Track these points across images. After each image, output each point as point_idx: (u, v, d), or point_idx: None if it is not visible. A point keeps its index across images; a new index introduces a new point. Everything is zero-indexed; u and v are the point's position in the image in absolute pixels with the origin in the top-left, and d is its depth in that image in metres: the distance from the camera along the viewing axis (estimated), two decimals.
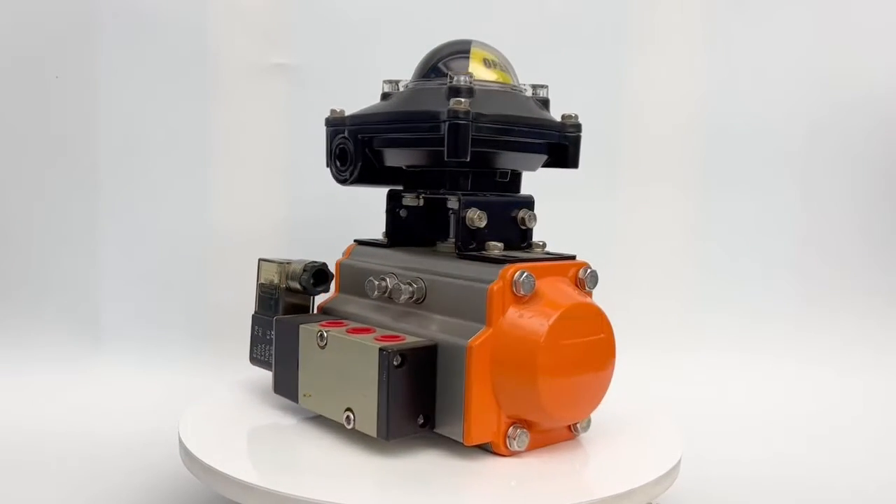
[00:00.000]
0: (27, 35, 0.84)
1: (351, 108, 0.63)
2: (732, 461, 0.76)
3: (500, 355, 0.54)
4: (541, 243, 0.61)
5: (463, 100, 0.56)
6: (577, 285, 0.59)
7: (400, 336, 0.57)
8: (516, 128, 0.59)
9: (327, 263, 0.66)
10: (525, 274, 0.55)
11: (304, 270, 0.64)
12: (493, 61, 0.62)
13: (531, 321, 0.54)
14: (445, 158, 0.56)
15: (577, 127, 0.63)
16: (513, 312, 0.55)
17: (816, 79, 0.96)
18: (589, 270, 0.59)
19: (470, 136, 0.56)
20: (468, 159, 0.57)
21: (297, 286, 0.65)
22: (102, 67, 0.85)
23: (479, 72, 0.60)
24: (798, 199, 0.97)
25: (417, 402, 0.55)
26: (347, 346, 0.57)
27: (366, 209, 0.80)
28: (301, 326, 0.61)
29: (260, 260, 0.69)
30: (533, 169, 0.64)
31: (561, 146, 0.63)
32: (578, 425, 0.59)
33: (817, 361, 0.95)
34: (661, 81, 0.95)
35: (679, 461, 0.59)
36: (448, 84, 0.58)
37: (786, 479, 0.72)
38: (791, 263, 0.98)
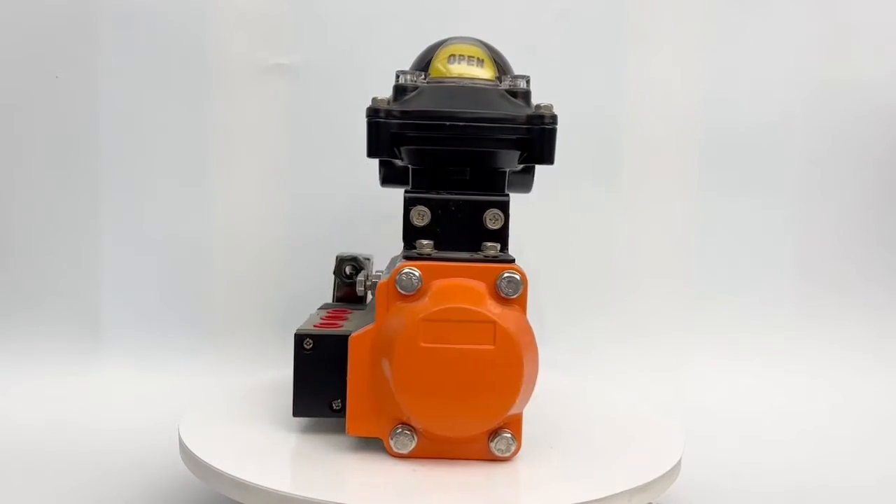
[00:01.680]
0: (27, 35, 0.84)
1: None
2: (733, 461, 0.74)
3: (377, 351, 0.54)
4: (495, 245, 0.56)
5: (380, 97, 0.57)
6: (493, 291, 0.54)
7: (338, 325, 0.60)
8: (448, 123, 0.56)
9: (357, 258, 0.71)
10: (405, 271, 0.53)
11: (338, 262, 0.70)
12: (462, 56, 0.60)
13: (399, 319, 0.52)
14: (367, 156, 0.57)
15: (545, 118, 0.56)
16: (395, 309, 0.54)
17: (817, 79, 0.91)
18: (506, 275, 0.53)
19: (388, 133, 0.56)
20: (388, 156, 0.57)
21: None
22: (102, 67, 0.85)
23: (443, 68, 0.59)
24: (799, 199, 0.92)
25: (329, 387, 0.57)
26: None
27: (373, 207, 0.81)
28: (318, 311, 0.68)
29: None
30: (503, 166, 0.59)
31: (528, 141, 0.57)
32: (494, 446, 0.54)
33: (819, 362, 0.92)
34: (660, 80, 0.90)
35: (679, 461, 0.56)
36: (395, 83, 0.59)
37: (786, 480, 0.70)
38: (793, 264, 0.93)
